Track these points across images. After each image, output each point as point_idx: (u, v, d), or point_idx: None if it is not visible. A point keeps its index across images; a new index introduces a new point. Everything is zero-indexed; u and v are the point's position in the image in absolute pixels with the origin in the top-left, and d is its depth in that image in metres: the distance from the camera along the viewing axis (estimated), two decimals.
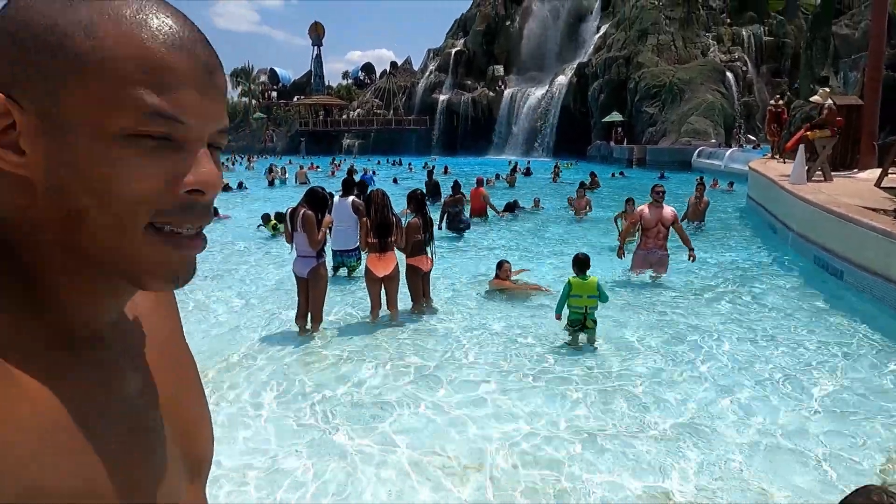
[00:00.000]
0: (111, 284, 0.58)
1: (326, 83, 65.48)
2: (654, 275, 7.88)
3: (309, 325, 5.89)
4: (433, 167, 19.87)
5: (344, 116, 55.29)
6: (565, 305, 5.43)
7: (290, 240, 5.90)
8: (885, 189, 9.12)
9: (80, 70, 0.50)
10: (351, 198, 7.99)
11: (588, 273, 5.43)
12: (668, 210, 7.76)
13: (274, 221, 11.48)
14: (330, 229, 6.61)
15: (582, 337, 5.44)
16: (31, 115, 0.51)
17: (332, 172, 28.72)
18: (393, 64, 63.13)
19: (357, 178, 13.35)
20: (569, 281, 5.44)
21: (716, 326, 5.95)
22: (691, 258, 7.72)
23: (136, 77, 0.51)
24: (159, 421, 0.64)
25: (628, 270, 7.99)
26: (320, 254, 5.82)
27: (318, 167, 31.90)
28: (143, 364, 0.66)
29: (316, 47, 62.04)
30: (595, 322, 5.41)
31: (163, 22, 0.53)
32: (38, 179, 0.52)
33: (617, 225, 10.17)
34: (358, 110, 56.20)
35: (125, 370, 0.62)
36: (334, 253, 7.99)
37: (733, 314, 6.35)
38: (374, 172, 23.31)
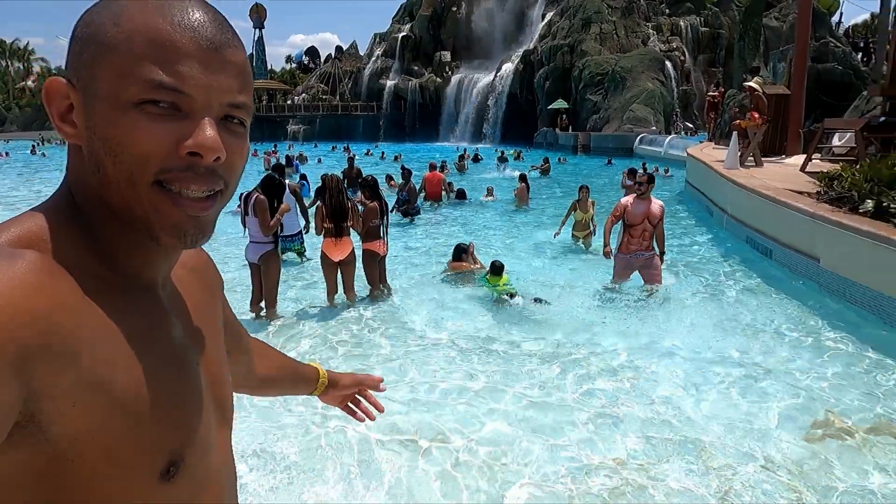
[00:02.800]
0: (145, 242, 0.67)
1: (269, 67, 63.68)
2: (647, 286, 6.47)
3: (264, 311, 5.88)
4: (354, 155, 19.18)
5: (289, 102, 53.94)
6: (487, 282, 6.68)
7: (244, 224, 5.87)
8: (810, 174, 9.76)
9: (107, 52, 0.62)
10: (287, 181, 7.97)
11: (505, 273, 6.71)
12: (656, 204, 6.34)
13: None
14: None
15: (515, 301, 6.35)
16: (79, 95, 0.63)
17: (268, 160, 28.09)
18: (338, 48, 61.90)
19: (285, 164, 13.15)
20: (486, 278, 6.75)
21: (650, 303, 6.29)
22: (660, 262, 6.62)
23: (145, 54, 0.61)
24: (197, 364, 0.74)
25: (611, 282, 6.72)
26: (274, 240, 5.81)
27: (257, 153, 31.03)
28: (185, 317, 0.76)
29: (257, 30, 60.14)
30: (512, 293, 6.49)
31: (177, 7, 0.63)
32: (84, 146, 0.64)
33: (572, 217, 9.21)
34: (303, 95, 54.92)
35: (173, 316, 0.73)
36: (285, 238, 7.93)
37: (670, 291, 6.72)
38: (299, 157, 22.69)
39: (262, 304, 5.91)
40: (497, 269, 6.73)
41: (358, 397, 1.34)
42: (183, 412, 0.68)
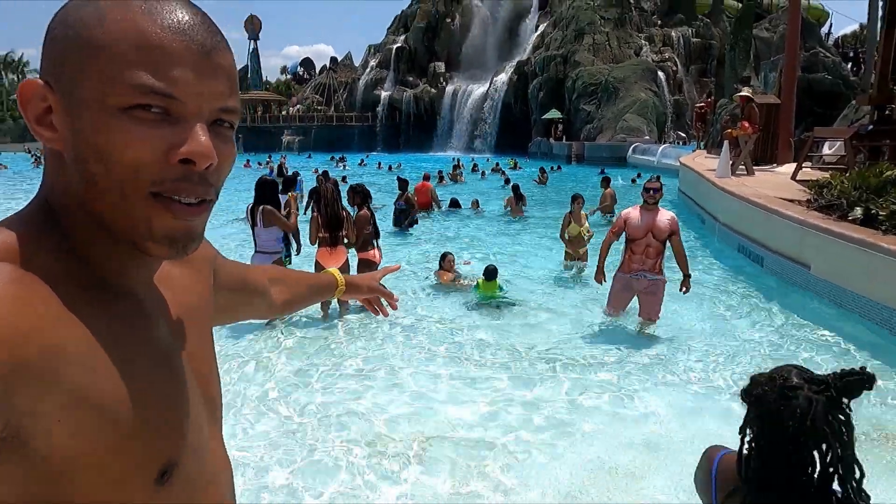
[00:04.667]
0: (131, 248, 0.65)
1: (264, 78, 63.87)
2: (641, 319, 5.68)
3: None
4: (325, 170, 18.37)
5: (283, 112, 54.06)
6: (478, 292, 6.75)
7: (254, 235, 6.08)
8: (800, 182, 9.87)
9: (92, 55, 0.59)
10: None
11: (497, 279, 6.80)
12: (664, 216, 5.44)
13: None
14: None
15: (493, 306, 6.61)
16: (59, 97, 0.61)
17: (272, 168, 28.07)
18: (333, 59, 62.20)
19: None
20: (478, 283, 6.80)
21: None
22: (684, 289, 5.53)
23: (133, 58, 0.59)
24: (183, 364, 0.73)
25: (605, 311, 5.95)
26: (285, 247, 6.00)
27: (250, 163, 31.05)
28: (169, 317, 0.75)
29: (252, 41, 60.34)
30: (504, 292, 6.80)
31: (164, 9, 0.61)
32: (66, 152, 0.62)
33: (565, 236, 8.23)
34: (298, 106, 55.08)
35: (156, 319, 0.71)
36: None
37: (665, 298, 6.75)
38: (275, 169, 22.14)
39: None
40: (490, 272, 6.75)
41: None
42: (174, 418, 0.66)
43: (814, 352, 5.18)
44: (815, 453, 1.22)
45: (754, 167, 12.19)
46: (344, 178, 22.55)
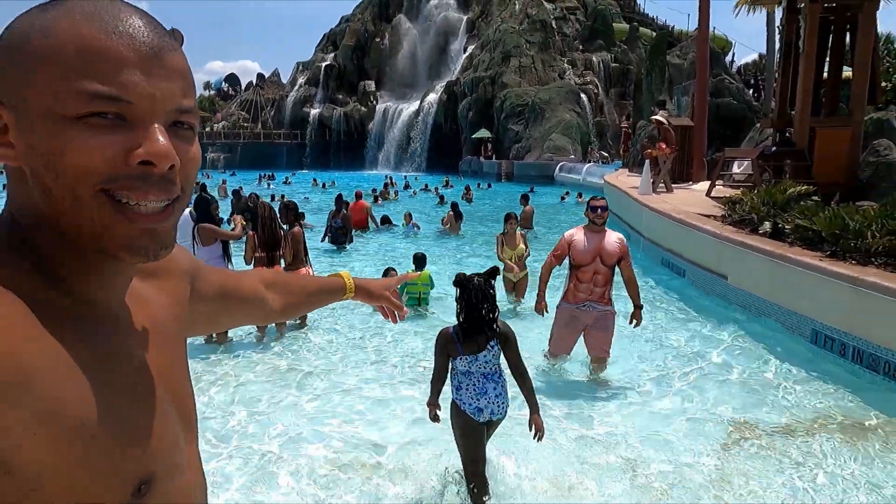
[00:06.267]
0: (100, 263, 0.65)
1: None
2: (594, 356, 4.97)
3: (215, 336, 5.88)
4: (241, 187, 17.65)
5: (207, 129, 52.34)
6: (405, 291, 6.65)
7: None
8: (714, 198, 10.58)
9: (39, 67, 0.58)
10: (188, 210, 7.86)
11: (426, 267, 6.91)
12: (612, 238, 4.85)
13: None
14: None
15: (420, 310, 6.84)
16: (12, 113, 0.60)
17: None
18: (260, 76, 61.02)
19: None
20: (407, 272, 6.44)
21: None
22: (634, 321, 4.87)
23: (80, 66, 0.58)
24: (156, 380, 0.72)
25: (546, 352, 5.17)
26: (224, 264, 5.89)
27: None
28: (143, 335, 0.74)
29: None
30: (427, 301, 6.87)
31: (108, 15, 0.60)
32: (25, 167, 0.61)
33: (502, 256, 7.19)
34: (223, 122, 53.50)
35: (129, 335, 0.70)
36: None
37: None
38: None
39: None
40: (419, 259, 6.57)
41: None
42: (149, 433, 0.65)
43: (730, 355, 5.55)
44: (485, 304, 3.02)
45: (672, 185, 12.96)
46: (273, 197, 22.20)
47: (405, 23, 52.19)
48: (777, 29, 21.00)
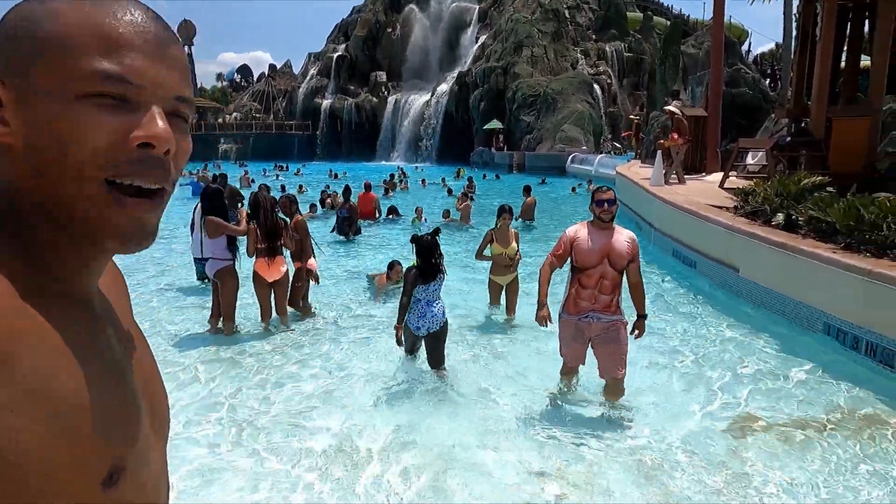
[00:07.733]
0: (84, 247, 0.65)
1: (199, 85, 61.94)
2: (608, 379, 4.24)
3: (221, 325, 5.97)
4: (263, 184, 17.52)
5: (220, 120, 52.51)
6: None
7: (200, 245, 6.19)
8: (727, 189, 10.41)
9: (48, 46, 0.60)
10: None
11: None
12: (622, 237, 4.16)
13: None
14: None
15: None
16: (11, 92, 0.61)
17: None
18: (272, 67, 61.04)
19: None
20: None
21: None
22: (636, 332, 4.20)
23: (90, 45, 0.60)
24: (133, 371, 0.72)
25: (560, 381, 4.56)
26: (231, 255, 5.90)
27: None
28: (117, 325, 0.74)
29: (186, 47, 58.52)
30: None
31: (118, 6, 0.63)
32: (18, 145, 0.61)
33: (486, 252, 6.47)
34: (235, 114, 53.66)
35: (107, 324, 0.70)
36: (195, 260, 7.73)
37: None
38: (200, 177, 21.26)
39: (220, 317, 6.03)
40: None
41: None
42: (124, 422, 0.66)
43: (740, 348, 5.45)
44: (435, 254, 4.70)
45: (685, 176, 12.77)
46: (283, 188, 22.24)
47: (417, 13, 51.89)
48: (794, 17, 20.59)
